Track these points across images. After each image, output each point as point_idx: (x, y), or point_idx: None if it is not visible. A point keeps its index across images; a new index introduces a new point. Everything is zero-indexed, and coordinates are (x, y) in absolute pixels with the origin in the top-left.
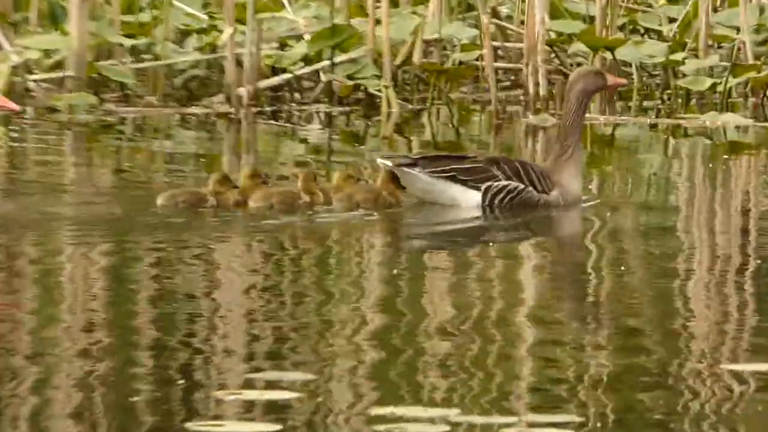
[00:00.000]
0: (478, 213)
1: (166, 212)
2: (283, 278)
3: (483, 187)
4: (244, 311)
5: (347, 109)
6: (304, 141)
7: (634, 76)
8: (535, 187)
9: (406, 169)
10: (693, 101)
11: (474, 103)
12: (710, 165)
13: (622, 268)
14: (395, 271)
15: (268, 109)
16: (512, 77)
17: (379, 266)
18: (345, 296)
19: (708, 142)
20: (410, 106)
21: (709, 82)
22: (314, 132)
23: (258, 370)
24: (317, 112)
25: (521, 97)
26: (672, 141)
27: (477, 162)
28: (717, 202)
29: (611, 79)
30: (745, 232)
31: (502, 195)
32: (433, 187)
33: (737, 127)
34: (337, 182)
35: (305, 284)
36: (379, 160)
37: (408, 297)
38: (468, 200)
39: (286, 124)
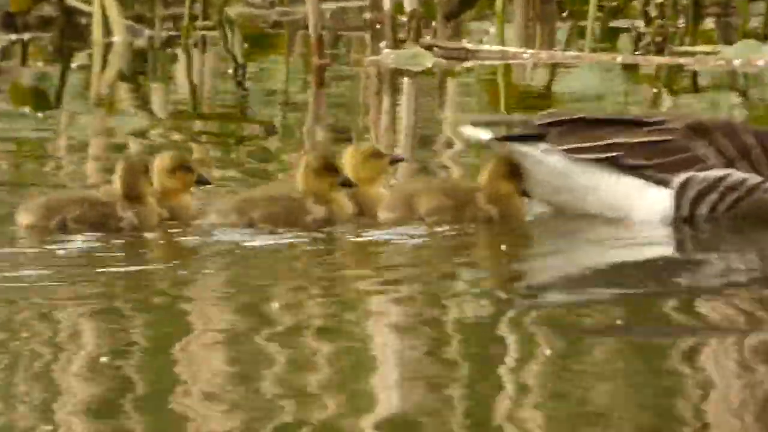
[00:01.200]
0: (667, 233)
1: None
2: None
3: (677, 180)
4: None
5: (23, 37)
6: None
7: None
8: None
9: (520, 145)
10: (707, 22)
11: (274, 27)
12: None
13: None
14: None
15: None
16: None
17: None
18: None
19: (736, 99)
20: (149, 33)
21: None
22: None
23: None
24: None
25: (367, 16)
26: (668, 97)
27: (664, 131)
28: None
29: None
30: None
31: (715, 196)
32: (574, 181)
33: None
34: (355, 166)
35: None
36: (465, 129)
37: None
38: (647, 207)
39: None
